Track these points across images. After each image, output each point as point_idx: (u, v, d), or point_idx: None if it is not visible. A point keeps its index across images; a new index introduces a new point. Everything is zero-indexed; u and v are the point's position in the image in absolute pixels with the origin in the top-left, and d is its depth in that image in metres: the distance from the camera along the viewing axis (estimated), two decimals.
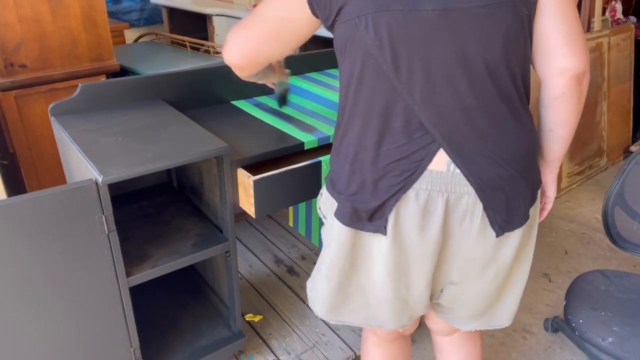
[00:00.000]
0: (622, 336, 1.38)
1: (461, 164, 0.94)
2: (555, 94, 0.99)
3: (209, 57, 2.48)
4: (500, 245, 1.03)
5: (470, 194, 0.96)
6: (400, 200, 0.96)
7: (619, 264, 2.32)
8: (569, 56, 0.95)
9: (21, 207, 1.10)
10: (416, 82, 0.90)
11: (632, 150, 3.31)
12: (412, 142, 0.94)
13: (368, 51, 0.91)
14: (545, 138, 1.07)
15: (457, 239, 1.01)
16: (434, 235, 0.98)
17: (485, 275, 1.07)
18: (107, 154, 1.25)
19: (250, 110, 1.71)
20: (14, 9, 1.68)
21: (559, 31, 0.94)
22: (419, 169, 0.95)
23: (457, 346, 1.33)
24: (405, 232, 0.99)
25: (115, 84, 1.54)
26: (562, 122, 1.03)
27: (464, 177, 0.95)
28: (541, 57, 0.98)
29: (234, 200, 1.42)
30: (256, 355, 1.75)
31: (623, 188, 1.60)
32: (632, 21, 3.28)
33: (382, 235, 0.99)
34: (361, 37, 0.91)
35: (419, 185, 0.95)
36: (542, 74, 1.00)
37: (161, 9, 3.25)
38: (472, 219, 0.98)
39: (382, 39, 0.89)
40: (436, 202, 0.96)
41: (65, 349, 1.29)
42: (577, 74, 0.96)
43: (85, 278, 1.24)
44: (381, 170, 0.96)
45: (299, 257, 2.26)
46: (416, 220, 0.97)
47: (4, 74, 1.73)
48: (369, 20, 0.89)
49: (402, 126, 0.93)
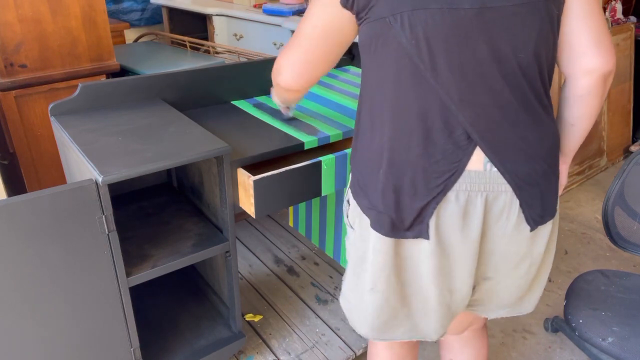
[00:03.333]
0: (622, 336, 1.38)
1: (498, 162, 0.95)
2: (581, 92, 1.00)
3: (209, 57, 2.48)
4: (533, 239, 1.05)
5: (507, 191, 0.97)
6: (440, 203, 0.96)
7: (619, 264, 2.32)
8: (597, 56, 0.96)
9: (21, 207, 1.10)
10: (453, 81, 0.90)
11: (632, 150, 3.31)
12: (450, 142, 0.94)
13: (403, 50, 0.90)
14: (565, 132, 1.09)
15: (493, 237, 1.02)
16: (474, 235, 0.99)
17: (519, 269, 1.08)
18: (107, 154, 1.25)
19: (250, 110, 1.71)
20: (14, 9, 1.68)
21: (587, 31, 0.95)
22: (458, 169, 0.95)
23: (467, 344, 1.33)
24: (447, 234, 0.99)
25: (115, 84, 1.54)
26: (585, 117, 1.05)
27: (501, 175, 0.96)
28: (568, 56, 0.99)
29: (234, 200, 1.42)
30: (256, 355, 1.75)
31: (623, 188, 1.60)
32: (632, 21, 3.28)
33: (425, 240, 0.99)
34: (395, 35, 0.89)
35: (459, 187, 0.95)
36: (568, 72, 1.01)
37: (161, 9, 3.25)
38: (509, 216, 0.99)
39: (418, 38, 0.88)
40: (475, 202, 0.97)
41: (65, 349, 1.29)
42: (604, 73, 0.97)
43: (85, 278, 1.24)
44: (421, 173, 0.95)
45: (299, 257, 2.26)
46: (457, 221, 0.97)
47: (4, 74, 1.73)
48: (405, 18, 0.87)
49: (440, 127, 0.93)
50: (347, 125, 1.60)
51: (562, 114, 1.08)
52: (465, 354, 1.34)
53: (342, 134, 1.56)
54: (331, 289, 2.05)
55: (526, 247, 1.04)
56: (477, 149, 0.94)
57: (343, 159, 1.47)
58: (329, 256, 2.13)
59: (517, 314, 1.20)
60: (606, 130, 3.13)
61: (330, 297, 2.01)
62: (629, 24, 3.20)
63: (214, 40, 2.89)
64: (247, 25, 2.80)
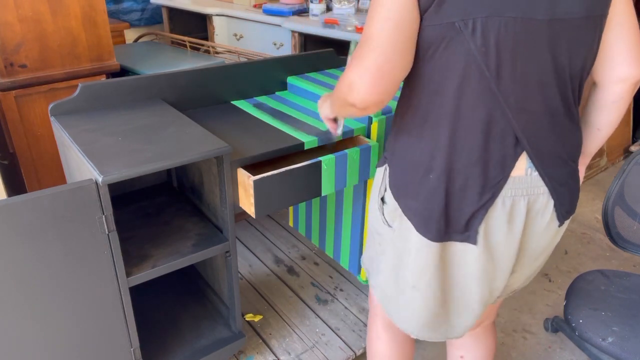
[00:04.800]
0: (622, 336, 1.38)
1: (540, 166, 0.99)
2: (614, 99, 1.05)
3: (209, 57, 2.48)
4: (557, 233, 1.10)
5: (545, 193, 1.01)
6: (489, 209, 0.99)
7: (619, 264, 2.32)
8: (632, 65, 1.00)
9: (21, 207, 1.10)
10: (513, 89, 0.92)
11: (632, 150, 3.31)
12: (502, 149, 0.96)
13: (471, 57, 0.88)
14: (592, 136, 1.14)
15: (529, 235, 1.06)
16: (517, 237, 1.03)
17: (538, 261, 1.14)
18: (107, 154, 1.25)
19: (250, 110, 1.71)
20: (14, 9, 1.68)
21: (623, 41, 0.99)
22: (504, 175, 0.97)
23: (478, 339, 1.35)
24: (494, 239, 1.02)
25: (115, 84, 1.54)
26: (613, 123, 1.10)
27: (540, 179, 1.00)
28: (603, 64, 1.02)
29: (234, 200, 1.42)
30: (256, 355, 1.75)
31: (623, 188, 1.60)
32: None
33: (472, 244, 1.01)
34: (464, 41, 0.87)
35: (505, 192, 0.98)
36: (602, 80, 1.05)
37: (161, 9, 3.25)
38: (544, 215, 1.03)
39: (488, 45, 0.87)
40: (519, 206, 1.00)
41: (65, 349, 1.29)
42: (637, 82, 1.02)
43: (85, 278, 1.24)
44: (474, 179, 0.97)
45: (299, 257, 2.26)
46: (503, 226, 1.01)
47: (4, 74, 1.73)
48: (477, 24, 0.86)
49: (496, 134, 0.95)
50: (347, 125, 1.60)
51: (589, 119, 1.12)
52: (475, 351, 1.36)
53: (342, 134, 1.56)
54: (331, 289, 2.05)
55: (551, 241, 1.10)
56: (523, 155, 0.98)
57: (343, 159, 1.47)
58: (329, 256, 2.13)
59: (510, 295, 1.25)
60: None
61: (330, 297, 2.01)
62: None
63: (214, 40, 2.89)
64: (247, 25, 2.80)
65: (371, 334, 1.35)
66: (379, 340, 1.33)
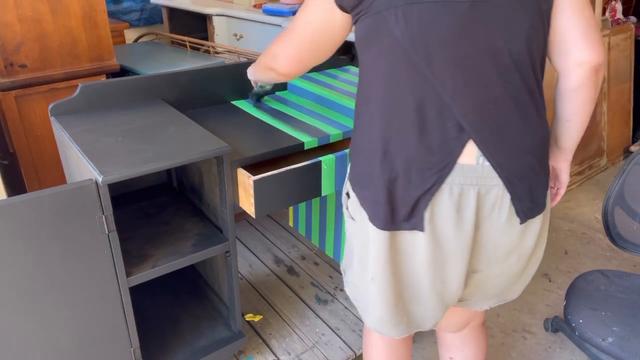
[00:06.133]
0: (622, 336, 1.38)
1: (490, 155, 0.96)
2: (574, 86, 1.02)
3: (209, 57, 2.48)
4: (524, 233, 1.06)
5: (499, 185, 0.98)
6: (435, 195, 0.97)
7: (619, 264, 2.32)
8: (587, 49, 0.98)
9: (21, 207, 1.10)
10: (448, 73, 0.92)
11: (632, 150, 3.31)
12: (443, 134, 0.95)
13: (399, 44, 0.92)
14: (562, 128, 1.11)
15: (485, 230, 1.03)
16: (468, 228, 1.00)
17: (507, 262, 1.09)
18: (107, 154, 1.25)
19: (250, 110, 1.71)
20: (14, 9, 1.68)
21: (576, 25, 0.98)
22: (450, 162, 0.96)
23: (467, 341, 1.34)
24: (441, 227, 1.00)
25: (115, 84, 1.54)
26: (580, 111, 1.07)
27: (492, 170, 0.97)
28: (559, 50, 1.01)
29: (234, 200, 1.42)
30: (256, 355, 1.75)
31: (623, 188, 1.60)
32: (632, 21, 3.28)
33: (420, 231, 1.00)
34: (391, 29, 0.91)
35: (452, 180, 0.97)
36: (560, 66, 1.03)
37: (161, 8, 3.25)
38: (500, 210, 1.01)
39: (412, 31, 0.90)
40: (468, 195, 0.98)
41: (65, 349, 1.29)
42: (595, 65, 1.00)
43: (85, 278, 1.24)
44: (415, 164, 0.97)
45: (299, 257, 2.26)
46: (451, 214, 0.99)
47: (4, 74, 1.73)
48: (399, 12, 0.89)
49: (434, 118, 0.94)
50: (347, 125, 1.60)
51: (557, 111, 1.09)
52: (465, 352, 1.35)
53: (342, 134, 1.56)
54: (331, 289, 2.05)
55: (517, 240, 1.06)
56: (470, 142, 0.96)
57: (343, 159, 1.47)
58: (329, 256, 2.13)
59: (502, 302, 1.23)
60: (606, 130, 3.13)
61: (330, 297, 2.01)
62: (629, 24, 3.20)
63: (214, 40, 2.89)
64: (247, 25, 2.80)
65: (366, 340, 1.35)
66: (374, 347, 1.32)
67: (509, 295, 1.20)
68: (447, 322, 1.31)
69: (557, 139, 1.13)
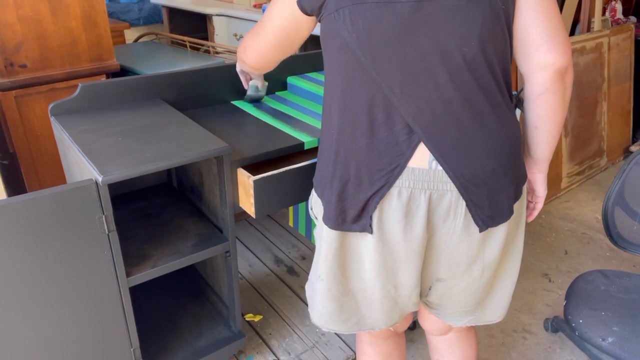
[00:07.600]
0: (622, 336, 1.38)
1: (442, 159, 0.93)
2: (539, 90, 0.98)
3: (209, 57, 2.48)
4: (485, 241, 1.03)
5: (452, 190, 0.95)
6: (383, 197, 0.96)
7: (619, 264, 2.32)
8: (550, 51, 0.94)
9: (21, 207, 1.10)
10: (394, 74, 0.91)
11: (632, 150, 3.31)
12: (392, 136, 0.93)
13: (346, 44, 0.92)
14: (531, 135, 1.06)
15: (441, 236, 1.00)
16: (418, 233, 0.98)
17: (471, 271, 1.06)
18: (107, 154, 1.25)
19: (250, 110, 1.71)
20: (14, 9, 1.68)
21: (539, 26, 0.94)
22: (400, 164, 0.94)
23: (453, 345, 1.33)
24: (390, 230, 0.98)
25: (115, 84, 1.54)
26: (546, 118, 1.02)
27: (445, 174, 0.94)
28: (522, 53, 0.97)
29: (234, 200, 1.42)
30: (256, 355, 1.75)
31: (623, 188, 1.60)
32: (632, 21, 3.28)
33: (369, 234, 0.99)
34: (339, 30, 0.92)
35: (401, 183, 0.95)
36: (525, 70, 0.99)
37: (161, 8, 3.25)
38: (456, 216, 0.98)
39: (358, 32, 0.90)
40: (419, 200, 0.96)
41: (65, 349, 1.29)
42: (560, 68, 0.95)
43: (85, 278, 1.24)
44: (365, 165, 0.96)
45: (299, 257, 2.26)
46: (400, 218, 0.97)
47: (4, 74, 1.73)
48: (346, 12, 0.90)
49: (383, 119, 0.93)
50: None
51: (525, 116, 1.05)
52: (450, 356, 1.34)
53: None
54: None
55: (477, 248, 1.02)
56: (422, 145, 0.94)
57: None
58: None
59: (481, 323, 1.19)
60: (606, 130, 3.13)
61: None
62: (629, 24, 3.20)
63: (214, 40, 2.89)
64: (247, 25, 2.80)
65: (358, 349, 1.35)
66: (365, 356, 1.32)
67: (488, 315, 1.18)
68: (431, 326, 1.31)
69: (528, 148, 1.09)
